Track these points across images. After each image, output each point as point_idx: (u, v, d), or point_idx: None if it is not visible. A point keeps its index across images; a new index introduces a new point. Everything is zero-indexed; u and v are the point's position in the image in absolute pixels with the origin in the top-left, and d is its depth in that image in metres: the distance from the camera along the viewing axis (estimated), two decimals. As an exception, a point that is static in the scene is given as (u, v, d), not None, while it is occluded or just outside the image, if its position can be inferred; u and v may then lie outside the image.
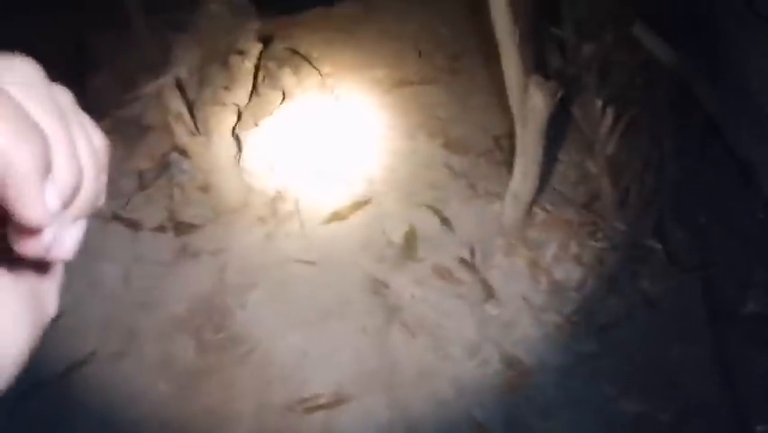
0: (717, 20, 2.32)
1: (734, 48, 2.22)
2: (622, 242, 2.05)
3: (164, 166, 2.65)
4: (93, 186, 0.32)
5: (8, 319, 0.30)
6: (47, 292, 0.33)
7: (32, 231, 0.28)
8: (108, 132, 2.18)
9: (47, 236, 0.29)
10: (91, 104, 2.87)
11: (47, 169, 0.28)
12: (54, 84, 0.31)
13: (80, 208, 0.31)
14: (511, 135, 2.61)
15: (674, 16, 2.68)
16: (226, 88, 2.45)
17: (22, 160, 0.26)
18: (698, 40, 2.46)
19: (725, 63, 2.27)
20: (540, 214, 2.23)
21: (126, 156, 2.68)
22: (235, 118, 2.44)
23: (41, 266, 0.33)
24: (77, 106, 0.32)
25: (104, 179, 0.35)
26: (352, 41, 3.40)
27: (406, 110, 2.87)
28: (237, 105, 2.39)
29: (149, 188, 2.62)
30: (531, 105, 1.87)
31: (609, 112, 2.31)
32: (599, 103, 2.34)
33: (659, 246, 2.01)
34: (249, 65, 2.51)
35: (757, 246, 1.85)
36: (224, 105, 2.31)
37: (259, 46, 2.60)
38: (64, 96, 0.31)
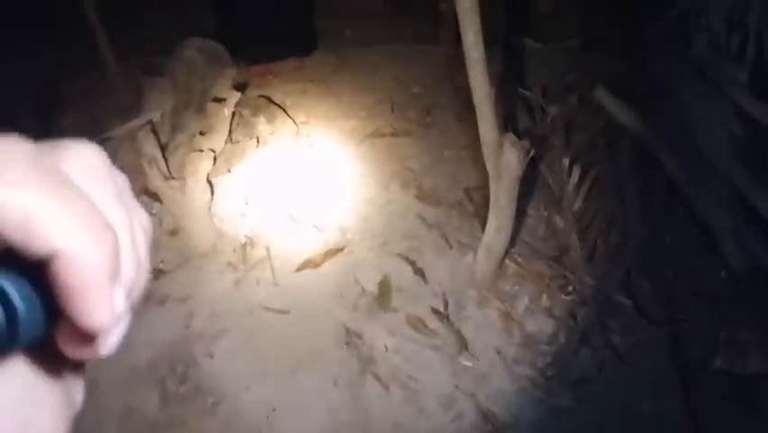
0: (675, 88, 2.48)
1: (690, 115, 2.37)
2: (592, 296, 2.10)
3: (132, 209, 2.59)
4: (146, 273, 0.30)
5: (46, 417, 0.28)
6: (76, 383, 0.31)
7: (89, 334, 0.25)
8: None
9: (110, 340, 0.26)
10: None
11: (118, 269, 0.26)
12: (113, 167, 0.29)
13: (134, 300, 0.29)
14: (481, 188, 2.69)
15: (634, 83, 2.85)
16: (201, 134, 2.45)
17: (95, 264, 0.24)
18: (657, 106, 2.62)
19: (682, 129, 2.41)
20: (511, 266, 2.27)
21: (92, 198, 2.60)
22: (209, 163, 2.43)
23: (78, 362, 0.30)
24: (130, 188, 0.30)
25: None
26: (326, 92, 3.47)
27: (380, 161, 2.92)
28: (213, 151, 2.38)
29: (114, 231, 2.54)
30: (505, 161, 1.93)
31: (575, 170, 2.41)
32: (566, 161, 2.44)
33: (628, 301, 2.07)
34: (227, 112, 2.52)
35: (721, 305, 1.93)
36: (199, 150, 2.29)
37: (237, 94, 2.62)
38: (121, 179, 0.30)
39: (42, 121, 3.37)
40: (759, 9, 1.70)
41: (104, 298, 0.25)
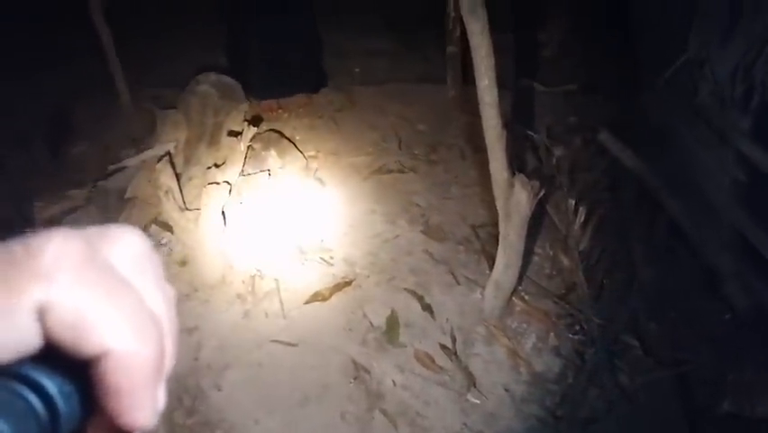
0: (677, 133, 2.55)
1: (692, 160, 2.44)
2: (599, 335, 2.12)
3: (142, 238, 2.62)
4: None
5: None
6: None
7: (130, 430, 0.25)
8: (85, 202, 2.18)
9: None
10: (68, 171, 2.84)
11: (163, 364, 0.26)
12: (153, 250, 0.29)
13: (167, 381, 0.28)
14: (487, 225, 2.74)
15: (636, 127, 2.93)
16: (216, 166, 2.49)
17: (143, 364, 0.24)
18: (659, 149, 2.69)
19: (685, 173, 2.47)
20: (519, 304, 2.29)
21: (103, 226, 2.63)
22: (222, 195, 2.46)
23: None
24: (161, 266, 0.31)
25: None
26: (335, 128, 3.55)
27: (387, 196, 2.97)
28: (228, 183, 2.42)
29: (124, 260, 2.56)
30: (515, 201, 1.98)
31: (581, 210, 2.46)
32: (572, 202, 2.49)
33: (635, 342, 2.09)
34: (242, 146, 2.57)
35: (726, 347, 1.95)
36: (215, 183, 2.33)
37: (252, 129, 2.68)
38: (157, 261, 0.30)
39: (54, 149, 3.42)
40: (765, 64, 1.78)
41: (148, 398, 0.25)
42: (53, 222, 2.74)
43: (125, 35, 3.86)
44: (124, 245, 0.27)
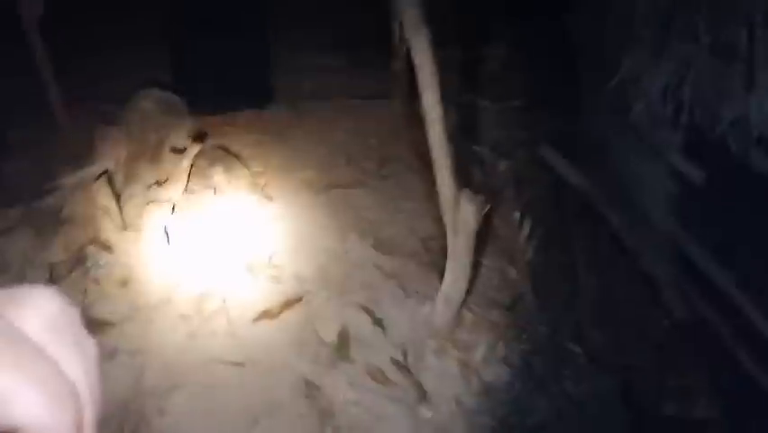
0: (615, 147, 2.67)
1: (629, 173, 2.55)
2: (546, 344, 2.17)
3: (79, 259, 2.51)
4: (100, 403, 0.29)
5: None
6: None
7: None
8: (19, 222, 2.07)
9: None
10: (1, 190, 2.70)
11: (81, 429, 0.25)
12: (68, 305, 0.28)
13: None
14: (437, 238, 2.76)
15: (576, 141, 3.05)
16: (157, 184, 2.42)
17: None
18: (598, 163, 2.80)
19: (623, 186, 2.58)
20: (468, 316, 2.32)
21: (38, 248, 2.51)
22: (164, 214, 2.39)
23: None
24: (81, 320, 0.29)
25: None
26: (283, 144, 3.52)
27: (337, 211, 2.96)
28: (170, 202, 2.35)
29: (60, 282, 2.45)
30: (462, 216, 2.01)
31: (526, 223, 2.52)
32: (517, 214, 2.55)
33: (579, 349, 2.15)
34: (186, 163, 2.51)
35: (667, 352, 2.04)
36: (155, 201, 2.26)
37: (196, 147, 2.62)
38: (76, 315, 0.29)
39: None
40: (692, 83, 1.89)
41: None
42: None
43: (66, 49, 3.73)
44: (35, 308, 0.26)
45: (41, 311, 0.26)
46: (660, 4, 2.20)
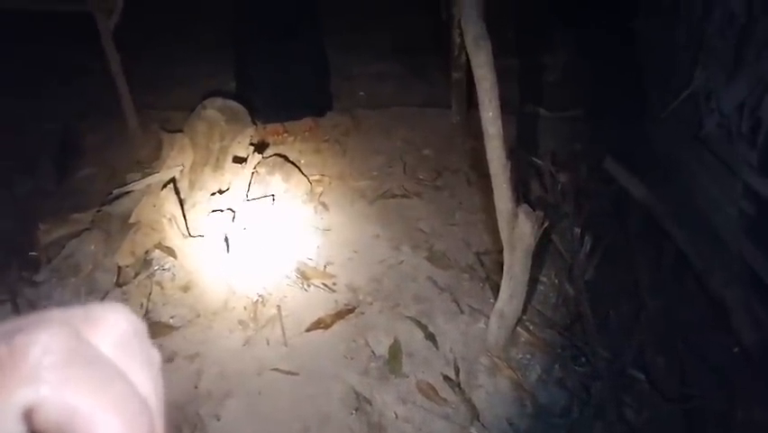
0: (682, 162, 2.54)
1: (698, 190, 2.42)
2: (605, 368, 2.09)
3: (145, 263, 2.62)
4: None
5: None
6: None
7: None
8: (89, 225, 2.17)
9: None
10: (73, 195, 2.86)
11: None
12: (139, 323, 0.29)
13: None
14: (492, 252, 2.72)
15: (640, 154, 2.93)
16: (219, 192, 2.49)
17: None
18: (664, 177, 2.68)
19: (691, 202, 2.46)
20: (523, 334, 2.26)
21: (106, 251, 2.63)
22: (226, 222, 2.46)
23: None
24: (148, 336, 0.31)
25: None
26: (340, 152, 3.56)
27: (391, 222, 2.96)
28: (232, 211, 2.42)
29: (126, 285, 2.56)
30: (519, 231, 1.96)
31: (587, 239, 2.44)
32: (577, 230, 2.47)
33: (641, 376, 2.06)
34: (247, 172, 2.57)
35: (735, 382, 1.92)
36: (219, 210, 2.33)
37: (257, 156, 2.68)
38: (144, 333, 0.30)
39: (61, 172, 3.45)
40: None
41: None
42: (57, 244, 2.74)
43: (135, 58, 3.91)
44: (108, 326, 0.27)
45: (113, 329, 0.27)
46: (736, 13, 2.08)
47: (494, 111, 1.83)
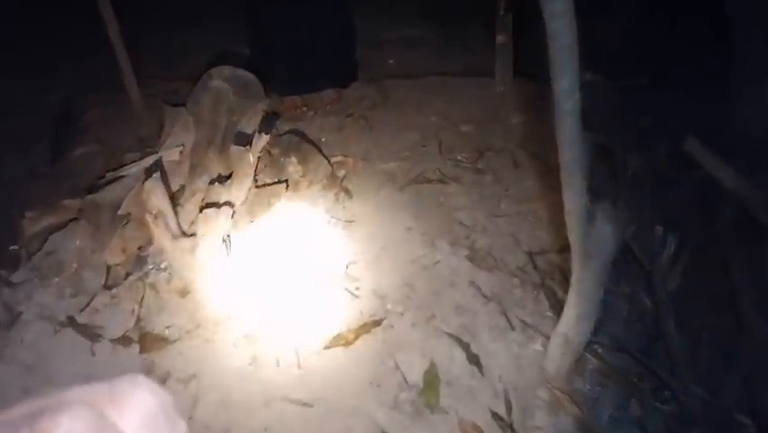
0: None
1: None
2: (697, 407, 1.64)
3: (138, 261, 2.25)
4: None
5: None
6: None
7: None
8: (76, 215, 1.70)
9: None
10: (68, 176, 2.44)
11: None
12: (167, 397, 0.30)
13: None
14: (547, 251, 2.27)
15: (731, 137, 2.40)
16: (221, 180, 2.09)
17: None
18: (763, 166, 2.16)
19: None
20: (591, 360, 1.82)
21: (94, 247, 2.27)
22: (227, 218, 2.06)
23: None
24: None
25: None
26: (366, 129, 3.12)
27: (425, 212, 2.52)
28: (231, 206, 2.01)
29: (116, 287, 2.20)
30: (597, 237, 1.51)
31: (670, 239, 1.97)
32: (659, 228, 1.99)
33: (746, 420, 1.61)
34: (252, 159, 2.15)
35: None
36: (217, 205, 1.93)
37: (265, 138, 2.26)
38: (170, 407, 0.31)
39: (56, 151, 3.09)
40: None
41: None
42: (42, 236, 2.39)
43: (138, 24, 3.51)
44: (134, 403, 0.29)
45: (138, 407, 0.29)
46: None
47: (571, 79, 1.37)
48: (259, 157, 2.36)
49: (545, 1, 1.26)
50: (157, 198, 1.91)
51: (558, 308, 2.01)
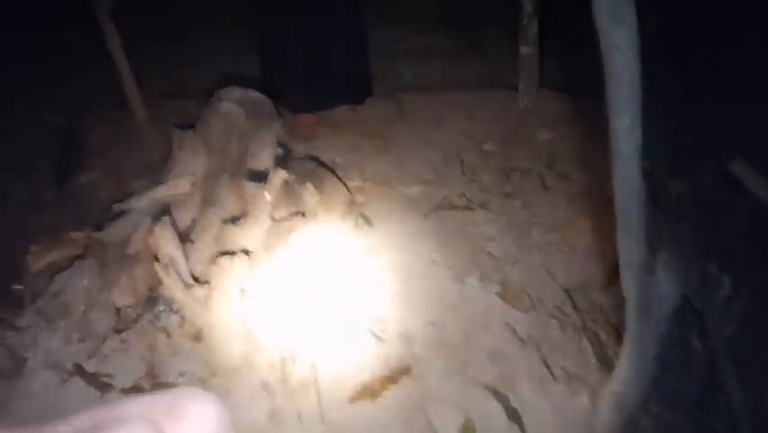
0: None
1: None
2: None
3: (148, 303, 2.10)
4: None
5: None
6: None
7: None
8: (83, 252, 1.52)
9: None
10: (73, 205, 2.27)
11: None
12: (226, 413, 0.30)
13: None
14: (587, 288, 2.10)
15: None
16: (234, 220, 1.94)
17: None
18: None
19: None
20: (643, 419, 1.66)
21: (102, 286, 2.13)
22: (241, 265, 1.91)
23: None
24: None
25: None
26: (384, 148, 2.96)
27: (450, 241, 2.37)
28: (247, 254, 1.85)
29: (126, 331, 2.06)
30: (657, 291, 1.35)
31: (725, 279, 1.79)
32: (712, 266, 1.82)
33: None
34: (268, 197, 2.00)
35: None
36: (231, 253, 1.78)
37: (282, 174, 2.10)
38: (228, 423, 0.31)
39: (62, 175, 2.97)
40: None
41: None
42: (46, 274, 2.26)
43: (142, 39, 3.37)
44: (193, 421, 0.32)
45: (197, 423, 0.32)
46: None
47: (632, 119, 1.22)
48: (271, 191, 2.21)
49: (608, 32, 1.11)
50: (167, 246, 1.77)
51: (602, 355, 1.86)
